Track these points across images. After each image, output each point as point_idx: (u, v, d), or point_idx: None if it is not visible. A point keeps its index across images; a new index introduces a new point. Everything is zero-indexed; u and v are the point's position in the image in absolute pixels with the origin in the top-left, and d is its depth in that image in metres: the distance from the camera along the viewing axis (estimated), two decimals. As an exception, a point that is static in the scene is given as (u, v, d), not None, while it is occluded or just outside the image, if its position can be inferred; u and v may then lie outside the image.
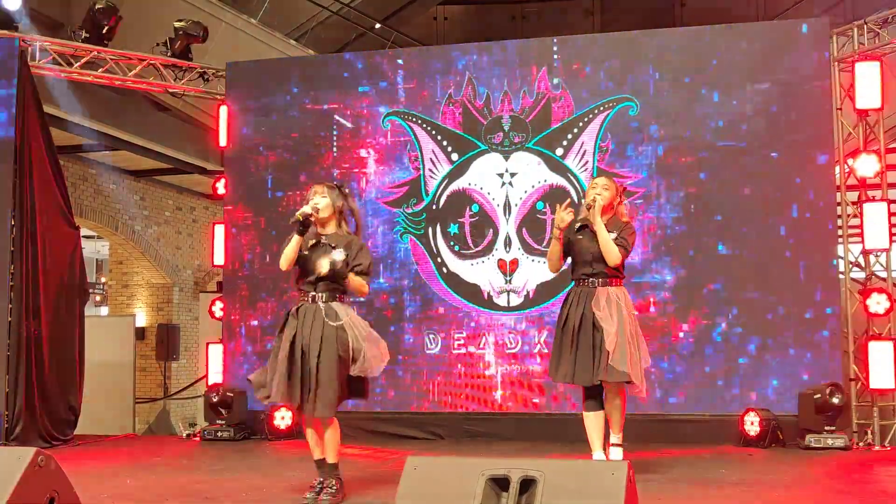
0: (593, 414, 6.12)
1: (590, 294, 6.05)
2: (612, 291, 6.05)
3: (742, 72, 8.98)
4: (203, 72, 10.37)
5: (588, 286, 6.10)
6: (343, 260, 5.43)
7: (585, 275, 6.13)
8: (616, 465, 3.26)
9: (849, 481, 6.51)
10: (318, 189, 5.70)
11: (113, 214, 14.32)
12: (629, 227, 6.20)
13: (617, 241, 6.03)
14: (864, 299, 8.70)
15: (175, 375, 15.08)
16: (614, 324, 5.90)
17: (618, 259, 6.02)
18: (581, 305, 6.05)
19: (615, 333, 5.87)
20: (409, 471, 3.49)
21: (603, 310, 5.95)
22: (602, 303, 5.98)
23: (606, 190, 6.19)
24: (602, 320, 5.91)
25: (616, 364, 5.84)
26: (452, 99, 9.62)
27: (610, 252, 6.00)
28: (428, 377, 9.40)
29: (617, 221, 6.18)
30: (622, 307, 5.99)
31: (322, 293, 5.51)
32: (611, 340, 5.85)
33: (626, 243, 6.09)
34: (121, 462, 7.75)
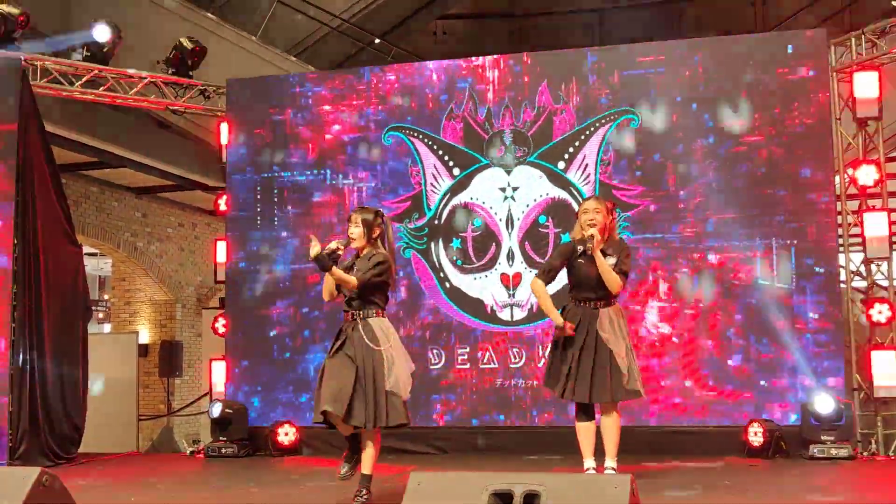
0: (586, 425, 6.28)
1: (593, 315, 6.17)
2: (612, 312, 6.22)
3: (741, 83, 9.00)
4: (203, 89, 10.41)
5: (590, 308, 6.22)
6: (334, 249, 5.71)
7: (587, 297, 6.24)
8: (619, 479, 3.26)
9: (854, 491, 6.51)
10: (354, 217, 5.89)
11: (115, 232, 14.34)
12: (626, 249, 6.35)
13: (617, 269, 6.15)
14: (867, 309, 8.70)
15: (178, 392, 15.07)
16: (622, 345, 6.11)
17: (619, 288, 6.17)
18: (585, 325, 6.16)
19: (625, 356, 6.08)
20: (412, 486, 3.49)
21: (608, 332, 6.11)
22: (606, 324, 6.13)
23: (599, 213, 6.25)
24: (609, 342, 6.08)
25: (630, 384, 6.09)
26: (453, 113, 9.65)
27: (611, 283, 6.13)
28: (432, 392, 9.39)
29: (612, 242, 6.31)
30: (622, 326, 6.21)
31: (358, 311, 5.74)
32: (622, 363, 6.05)
33: (626, 268, 6.24)
34: (125, 480, 7.76)
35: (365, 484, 5.64)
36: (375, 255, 5.77)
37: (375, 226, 5.85)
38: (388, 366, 5.58)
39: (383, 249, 5.84)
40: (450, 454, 9.11)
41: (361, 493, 5.61)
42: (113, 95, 10.04)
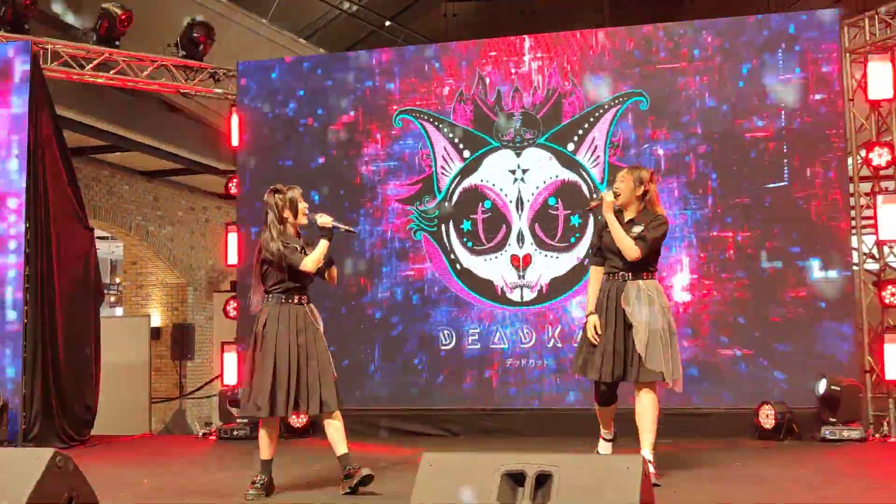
0: (605, 408, 6.10)
1: (619, 288, 5.85)
2: (642, 285, 5.83)
3: (753, 64, 8.96)
4: (214, 72, 10.41)
5: (618, 280, 5.90)
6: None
7: (615, 268, 5.91)
8: (631, 460, 3.26)
9: (866, 473, 6.50)
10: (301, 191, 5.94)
11: (126, 215, 14.37)
12: (658, 220, 5.90)
13: (637, 236, 5.79)
14: (879, 291, 8.68)
15: (190, 375, 15.13)
16: (644, 321, 5.72)
17: (633, 255, 5.77)
18: (612, 301, 5.85)
19: (644, 332, 5.70)
20: (424, 467, 3.50)
21: (633, 305, 5.77)
22: (632, 297, 5.79)
23: (622, 182, 5.94)
24: (631, 316, 5.75)
25: (648, 363, 5.69)
26: (463, 96, 9.63)
27: (624, 248, 5.78)
28: (442, 373, 9.41)
29: (647, 212, 5.92)
30: (654, 299, 5.79)
31: (305, 295, 5.76)
32: (640, 339, 5.70)
33: (650, 236, 5.81)
34: (138, 462, 7.79)
35: (348, 462, 5.57)
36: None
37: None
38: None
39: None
40: (461, 436, 9.13)
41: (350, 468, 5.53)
42: (124, 79, 10.04)
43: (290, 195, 5.77)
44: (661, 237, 5.91)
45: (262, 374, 5.52)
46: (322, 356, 5.61)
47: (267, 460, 5.63)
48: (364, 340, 9.62)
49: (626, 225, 5.87)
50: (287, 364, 5.51)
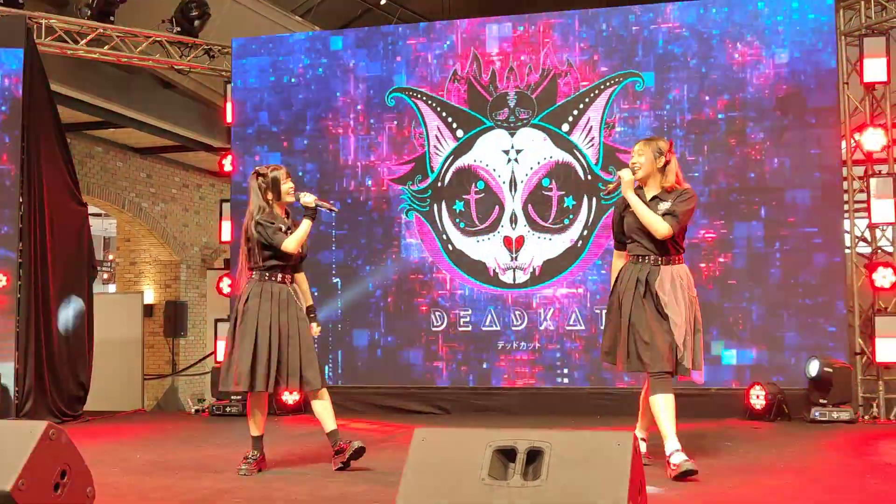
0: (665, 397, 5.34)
1: (651, 272, 5.33)
2: (675, 271, 5.35)
3: (748, 45, 8.97)
4: (208, 48, 10.39)
5: (647, 263, 5.37)
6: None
7: (643, 254, 5.39)
8: (621, 437, 3.28)
9: (854, 454, 6.55)
10: (287, 172, 5.85)
11: (120, 192, 14.35)
12: (685, 194, 5.37)
13: (666, 211, 5.28)
14: (870, 273, 8.72)
15: (183, 352, 15.15)
16: (682, 313, 5.27)
17: (663, 233, 5.25)
18: (642, 286, 5.33)
19: (682, 324, 5.25)
20: (417, 442, 3.51)
21: (668, 294, 5.28)
22: (667, 286, 5.28)
23: (640, 156, 5.40)
24: (668, 307, 5.26)
25: (684, 359, 5.27)
26: (458, 75, 9.62)
27: (651, 225, 5.26)
28: (434, 353, 9.44)
29: (665, 189, 5.39)
30: (686, 289, 5.34)
31: (289, 275, 5.73)
32: (679, 333, 5.24)
33: (679, 212, 5.28)
34: (131, 437, 7.82)
35: (338, 438, 5.60)
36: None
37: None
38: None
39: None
40: (452, 415, 9.17)
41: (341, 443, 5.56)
42: (118, 54, 10.02)
43: (273, 175, 5.76)
44: (691, 212, 5.40)
45: (241, 349, 5.55)
46: (305, 335, 5.61)
47: (257, 436, 5.66)
48: (356, 320, 9.63)
49: (651, 203, 5.36)
50: (268, 339, 5.53)
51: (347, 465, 5.53)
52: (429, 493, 3.34)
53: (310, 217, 5.65)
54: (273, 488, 5.11)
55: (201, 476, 5.58)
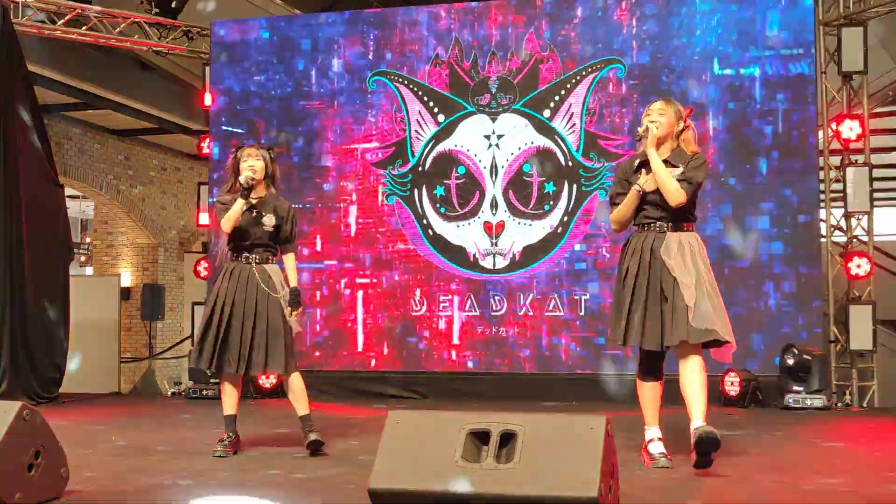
0: (650, 385, 5.26)
1: (657, 240, 5.01)
2: (683, 237, 5.02)
3: (728, 35, 8.99)
4: (187, 30, 10.33)
5: (654, 230, 5.06)
6: (274, 225, 5.63)
7: (650, 218, 5.08)
8: (594, 420, 3.31)
9: (830, 440, 6.60)
10: (251, 152, 5.73)
11: (97, 174, 14.26)
12: (698, 159, 5.07)
13: (680, 177, 4.97)
14: (846, 262, 8.79)
15: (160, 335, 15.10)
16: (691, 274, 4.90)
17: (679, 198, 4.92)
18: (648, 253, 5.02)
19: (692, 286, 4.87)
20: (391, 425, 3.53)
21: (675, 258, 4.94)
22: (673, 250, 4.96)
23: (662, 116, 5.08)
24: (675, 270, 4.91)
25: (698, 322, 4.84)
26: (439, 59, 9.60)
27: (669, 190, 4.92)
28: (413, 338, 9.45)
29: (682, 153, 5.07)
30: (696, 254, 4.99)
31: (256, 255, 5.65)
32: (689, 294, 4.85)
33: (694, 178, 4.99)
34: (106, 419, 7.79)
35: (310, 424, 5.61)
36: (290, 208, 5.76)
37: (268, 163, 5.75)
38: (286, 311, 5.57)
39: (275, 190, 5.78)
40: (431, 399, 9.19)
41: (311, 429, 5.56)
42: (96, 35, 9.95)
43: (237, 154, 5.76)
44: (704, 179, 5.11)
45: (202, 329, 5.59)
46: (273, 318, 5.53)
47: (229, 415, 5.65)
48: (336, 304, 9.63)
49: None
50: (218, 320, 5.52)
51: (316, 453, 5.54)
52: (403, 475, 3.36)
53: (243, 196, 5.60)
54: (248, 470, 5.11)
55: (177, 458, 5.58)
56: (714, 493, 4.49)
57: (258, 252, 5.65)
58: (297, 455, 5.52)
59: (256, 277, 5.58)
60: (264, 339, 5.52)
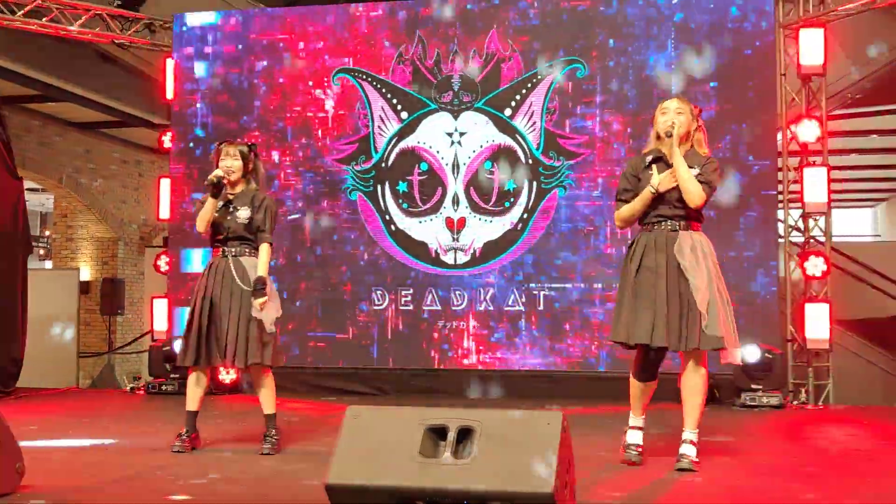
0: (644, 385, 5.23)
1: (669, 239, 4.95)
2: (696, 237, 4.98)
3: (688, 36, 9.06)
4: (150, 23, 10.26)
5: (665, 229, 4.99)
6: (247, 217, 5.60)
7: (663, 216, 5.01)
8: (551, 416, 3.34)
9: (786, 438, 6.69)
10: (229, 150, 5.72)
11: (57, 167, 14.13)
12: (712, 163, 5.03)
13: (699, 178, 4.92)
14: (802, 262, 8.89)
15: (120, 330, 14.99)
16: (704, 277, 4.85)
17: (701, 199, 4.89)
18: (662, 252, 4.94)
19: (705, 289, 4.83)
20: (349, 420, 3.54)
21: (688, 259, 4.88)
22: (686, 250, 4.90)
23: (681, 114, 5.03)
24: (688, 271, 4.85)
25: (710, 329, 4.80)
26: (403, 57, 9.61)
27: (692, 190, 4.87)
28: (374, 333, 9.46)
29: (695, 154, 5.04)
30: (707, 255, 4.95)
31: (232, 249, 5.64)
32: (702, 298, 4.80)
33: (713, 181, 4.96)
34: (64, 414, 7.74)
35: (273, 423, 5.62)
36: (265, 199, 5.68)
37: (249, 160, 5.74)
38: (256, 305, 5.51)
39: (255, 185, 5.75)
40: (391, 395, 9.20)
41: (271, 433, 5.58)
42: (57, 27, 9.85)
43: (216, 151, 5.75)
44: (719, 181, 5.12)
45: (186, 326, 5.61)
46: (246, 311, 5.50)
47: (191, 411, 5.63)
48: (298, 299, 9.61)
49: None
50: (198, 314, 5.53)
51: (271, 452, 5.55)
52: (361, 470, 3.37)
53: (211, 195, 5.59)
54: (207, 466, 5.11)
55: (135, 453, 5.56)
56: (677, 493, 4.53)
57: (234, 245, 5.63)
58: (256, 451, 5.52)
59: (232, 272, 5.57)
60: (235, 332, 5.50)
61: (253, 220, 5.62)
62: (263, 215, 5.66)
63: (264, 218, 5.66)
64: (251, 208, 5.63)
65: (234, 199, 5.66)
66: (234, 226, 5.61)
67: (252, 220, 5.62)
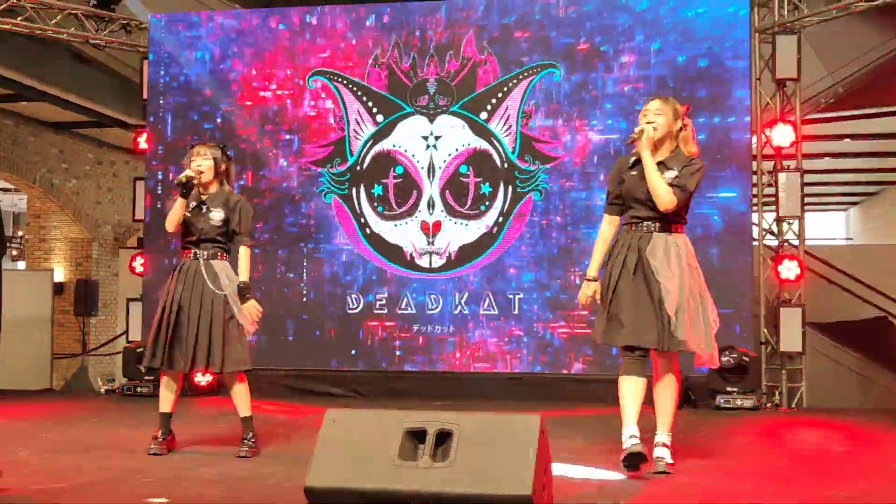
0: (633, 379, 5.08)
1: (643, 239, 4.95)
2: (671, 239, 4.95)
3: (664, 40, 9.11)
4: (126, 23, 10.22)
5: (641, 230, 4.99)
6: (222, 219, 5.55)
7: (639, 217, 5.00)
8: (529, 419, 3.36)
9: (761, 440, 6.74)
10: (200, 151, 5.70)
11: (31, 167, 14.03)
12: (694, 165, 5.00)
13: (674, 182, 4.90)
14: (776, 266, 8.97)
15: (94, 331, 14.91)
16: (675, 279, 4.84)
17: (668, 204, 4.86)
18: (634, 253, 4.93)
19: (675, 291, 4.83)
20: (328, 423, 3.55)
21: (660, 260, 4.87)
22: (659, 252, 4.89)
23: (660, 115, 5.00)
24: (659, 273, 4.85)
25: (677, 331, 4.82)
26: (379, 60, 9.61)
27: (660, 195, 4.86)
28: (349, 336, 9.45)
29: (680, 155, 5.03)
30: (682, 257, 4.92)
31: (204, 251, 5.60)
32: (671, 301, 4.81)
33: (686, 184, 4.93)
34: (39, 416, 7.69)
35: (249, 426, 5.60)
36: (232, 198, 5.64)
37: (222, 162, 5.71)
38: (234, 309, 5.50)
39: (228, 187, 5.72)
40: (367, 397, 9.21)
41: (248, 436, 5.56)
42: (31, 26, 9.79)
43: (189, 153, 5.73)
44: (698, 184, 5.04)
45: (154, 328, 5.58)
46: (218, 314, 5.48)
47: (165, 413, 5.61)
48: (273, 302, 9.59)
49: (658, 167, 4.98)
50: (165, 317, 5.51)
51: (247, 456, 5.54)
52: (340, 473, 3.38)
53: (180, 194, 5.58)
54: (183, 468, 5.09)
55: (111, 455, 5.53)
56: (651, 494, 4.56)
57: (206, 248, 5.60)
58: (234, 454, 5.51)
59: (203, 275, 5.54)
60: (207, 336, 5.48)
61: (228, 220, 5.60)
62: (239, 217, 5.63)
63: (240, 220, 5.63)
64: (225, 210, 5.60)
65: (206, 201, 5.63)
66: (207, 227, 5.58)
67: (227, 222, 5.59)
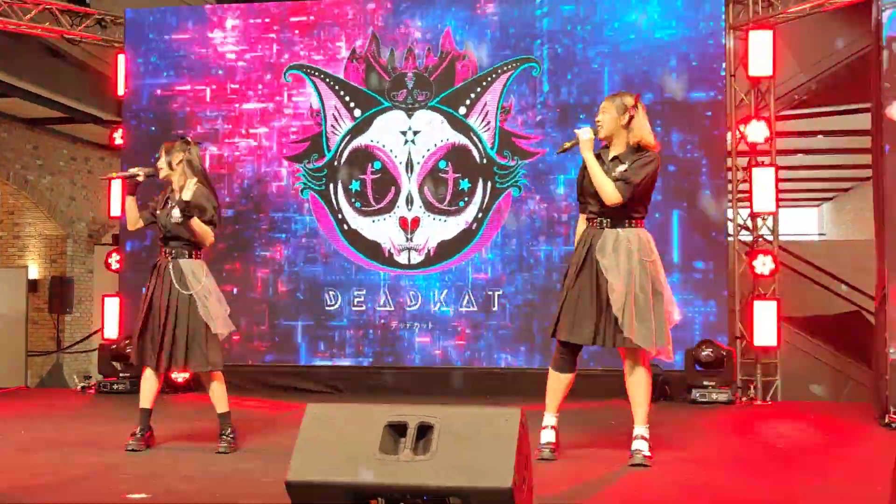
0: (559, 375, 5.26)
1: (596, 236, 5.03)
2: (622, 234, 5.00)
3: (639, 36, 9.16)
4: (101, 18, 10.16)
5: (595, 227, 5.08)
6: (180, 215, 5.48)
7: (593, 213, 5.09)
8: (509, 413, 3.38)
9: (737, 433, 6.81)
10: (161, 149, 5.71)
11: (4, 163, 13.93)
12: (645, 156, 5.02)
13: (619, 177, 4.95)
14: (751, 261, 9.05)
15: (69, 329, 14.82)
16: (621, 276, 4.90)
17: (613, 199, 4.94)
18: (586, 249, 5.04)
19: (621, 287, 4.89)
20: (309, 418, 3.55)
21: (608, 257, 4.94)
22: (608, 249, 4.96)
23: (603, 113, 5.11)
24: (607, 271, 4.92)
25: (625, 328, 4.90)
26: (356, 54, 9.61)
27: (603, 190, 4.95)
28: (327, 332, 9.45)
29: (636, 149, 5.07)
30: (633, 252, 4.95)
31: (172, 249, 5.61)
32: (616, 297, 4.88)
33: (631, 178, 4.95)
34: (14, 414, 7.65)
35: (227, 422, 5.62)
36: (198, 190, 5.50)
37: (176, 151, 5.63)
38: (202, 309, 5.48)
39: (194, 178, 5.55)
40: (344, 393, 9.20)
41: (227, 431, 5.58)
42: (5, 21, 9.71)
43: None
44: (649, 177, 5.02)
45: (137, 326, 5.64)
46: (193, 315, 5.48)
47: (144, 409, 5.61)
48: (250, 298, 9.58)
49: (612, 163, 5.05)
50: (145, 316, 5.56)
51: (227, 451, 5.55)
52: (321, 468, 3.38)
53: (128, 192, 5.68)
54: (162, 465, 5.09)
55: (88, 452, 5.52)
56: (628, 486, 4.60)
57: (174, 246, 5.62)
58: (213, 450, 5.51)
59: (171, 274, 5.54)
60: (172, 336, 5.48)
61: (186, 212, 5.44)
62: (197, 204, 5.50)
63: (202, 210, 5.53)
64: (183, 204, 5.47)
65: (170, 197, 5.66)
66: (169, 225, 5.59)
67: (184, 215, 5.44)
